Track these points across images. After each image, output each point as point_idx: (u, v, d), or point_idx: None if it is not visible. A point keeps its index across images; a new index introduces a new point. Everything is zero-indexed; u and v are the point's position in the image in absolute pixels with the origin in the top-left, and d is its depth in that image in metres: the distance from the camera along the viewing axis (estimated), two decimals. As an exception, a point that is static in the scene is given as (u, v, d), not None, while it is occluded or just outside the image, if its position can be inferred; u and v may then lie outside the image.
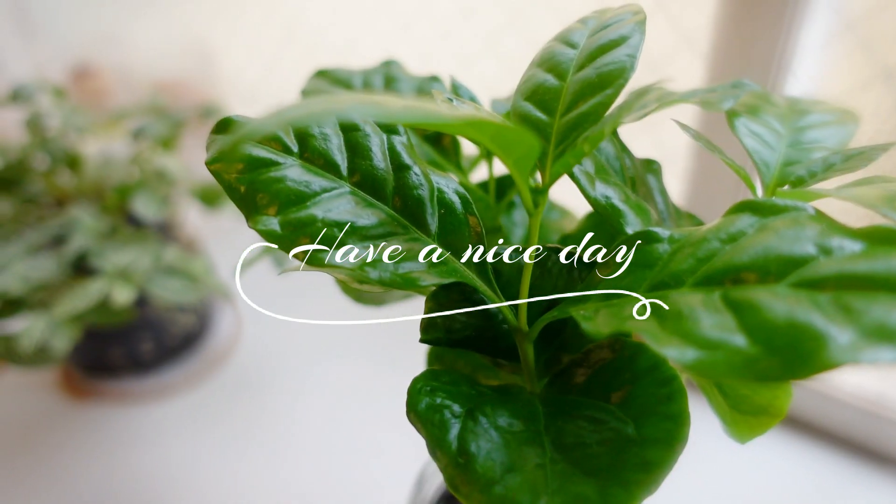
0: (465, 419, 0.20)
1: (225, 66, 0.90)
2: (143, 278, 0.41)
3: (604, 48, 0.20)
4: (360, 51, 0.77)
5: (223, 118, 0.22)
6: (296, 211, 0.19)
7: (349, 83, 0.32)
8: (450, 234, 0.21)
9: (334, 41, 0.79)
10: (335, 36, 0.79)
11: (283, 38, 0.84)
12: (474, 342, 0.22)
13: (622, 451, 0.19)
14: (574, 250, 0.22)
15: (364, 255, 0.19)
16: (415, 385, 0.21)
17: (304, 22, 0.81)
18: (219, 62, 0.90)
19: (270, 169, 0.20)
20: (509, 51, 0.66)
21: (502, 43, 0.66)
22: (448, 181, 0.22)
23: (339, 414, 0.58)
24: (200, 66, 0.90)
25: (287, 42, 0.84)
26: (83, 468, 0.54)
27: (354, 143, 0.21)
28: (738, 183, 0.52)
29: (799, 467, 0.51)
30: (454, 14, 0.69)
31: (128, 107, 0.61)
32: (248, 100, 0.89)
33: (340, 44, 0.79)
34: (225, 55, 0.89)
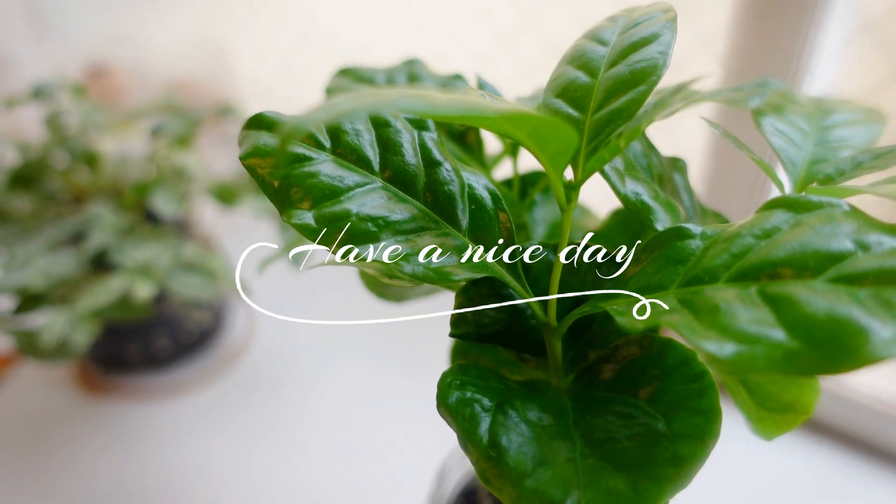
0: (495, 413, 0.20)
1: (239, 65, 0.90)
2: (163, 274, 0.42)
3: (635, 45, 0.20)
4: (374, 51, 0.77)
5: (256, 114, 0.22)
6: (330, 205, 0.20)
7: (373, 81, 0.32)
8: (480, 230, 0.21)
9: (348, 41, 0.80)
10: (349, 36, 0.79)
11: (296, 38, 0.84)
12: (502, 337, 0.22)
13: (653, 446, 0.19)
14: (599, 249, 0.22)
15: (398, 249, 0.19)
16: (444, 379, 0.21)
17: (318, 22, 0.81)
18: (233, 62, 0.91)
19: (304, 164, 0.20)
20: (523, 51, 0.66)
21: (516, 44, 0.67)
22: (478, 177, 0.22)
23: (352, 412, 0.58)
24: (214, 66, 0.91)
25: (301, 42, 0.84)
26: (97, 463, 0.54)
27: (386, 139, 0.21)
28: (753, 183, 0.52)
29: (812, 467, 0.51)
30: (468, 15, 0.69)
31: (144, 105, 0.62)
32: (261, 99, 0.90)
33: (354, 44, 0.79)
34: (239, 55, 0.90)
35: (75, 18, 1.01)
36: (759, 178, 0.51)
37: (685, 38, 0.55)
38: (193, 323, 0.60)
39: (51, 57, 1.01)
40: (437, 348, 0.64)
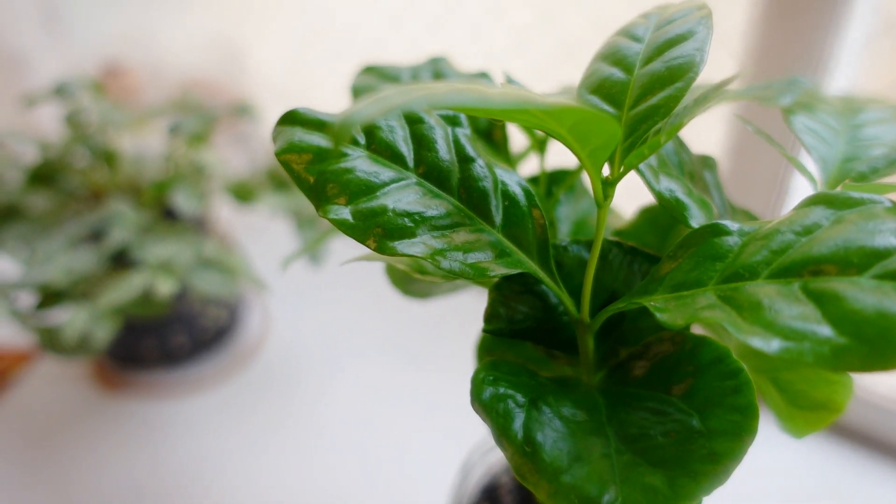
0: (529, 409, 0.20)
1: (252, 64, 0.91)
2: (184, 271, 0.42)
3: (671, 42, 0.20)
4: (388, 50, 0.77)
5: (289, 110, 0.22)
6: (366, 201, 0.20)
7: (398, 79, 0.32)
8: (514, 226, 0.21)
9: (362, 40, 0.80)
10: (363, 35, 0.80)
11: (310, 36, 0.84)
12: (534, 333, 0.22)
13: (688, 443, 0.19)
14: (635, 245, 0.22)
15: (434, 245, 0.19)
16: (477, 375, 0.21)
17: (333, 21, 0.82)
18: (246, 60, 0.91)
19: (339, 159, 0.20)
20: (539, 51, 0.66)
21: (532, 43, 0.67)
22: (511, 174, 0.22)
23: (367, 409, 0.58)
24: (228, 65, 0.91)
25: (315, 40, 0.84)
26: (113, 459, 0.55)
27: (420, 135, 0.21)
28: (772, 182, 0.51)
29: (831, 466, 0.51)
30: (483, 14, 0.69)
31: (161, 104, 0.62)
32: (275, 98, 0.90)
33: (368, 43, 0.79)
34: (252, 53, 0.90)
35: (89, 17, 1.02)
36: (777, 176, 0.51)
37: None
38: (209, 320, 0.60)
39: (64, 56, 1.02)
40: (451, 346, 0.65)
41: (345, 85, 0.82)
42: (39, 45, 1.01)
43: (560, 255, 0.22)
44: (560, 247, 0.22)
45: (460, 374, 0.62)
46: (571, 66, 0.64)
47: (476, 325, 0.68)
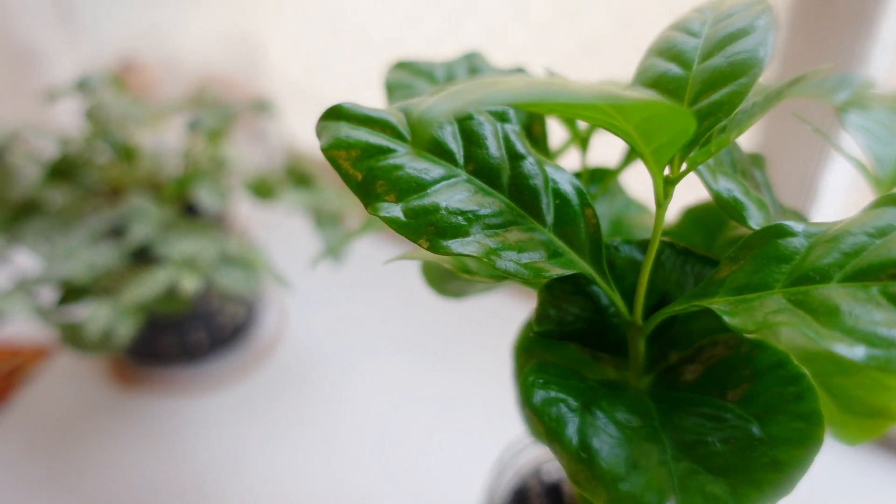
0: (582, 413, 0.19)
1: (268, 61, 0.90)
2: (208, 267, 0.41)
3: (732, 37, 0.19)
4: (406, 47, 0.77)
5: (334, 105, 0.22)
6: (417, 198, 0.19)
7: (432, 75, 0.31)
8: (565, 226, 0.20)
9: (380, 37, 0.79)
10: (380, 32, 0.79)
11: (327, 33, 0.84)
12: (583, 335, 0.22)
13: (749, 450, 0.18)
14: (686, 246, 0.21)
15: (488, 244, 0.19)
16: (527, 378, 0.20)
17: (349, 18, 0.81)
18: (261, 57, 0.91)
19: (387, 156, 0.20)
20: (559, 48, 0.66)
21: (552, 40, 0.66)
22: (561, 172, 0.21)
23: (384, 408, 0.58)
24: (243, 61, 0.91)
25: (331, 37, 0.84)
26: (129, 456, 0.55)
27: (469, 131, 0.21)
28: (800, 183, 0.51)
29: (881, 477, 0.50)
30: (503, 10, 0.68)
31: (178, 99, 0.62)
32: (290, 95, 0.90)
33: (386, 40, 0.79)
34: (269, 50, 0.90)
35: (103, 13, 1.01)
36: (805, 177, 0.50)
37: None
38: (227, 317, 0.60)
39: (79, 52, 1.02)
40: (469, 345, 0.64)
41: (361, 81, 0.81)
42: (54, 40, 1.01)
43: (611, 256, 0.21)
44: (611, 247, 0.21)
45: (478, 373, 0.61)
46: (593, 64, 0.63)
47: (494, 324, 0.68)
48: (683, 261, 0.21)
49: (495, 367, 0.61)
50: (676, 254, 0.21)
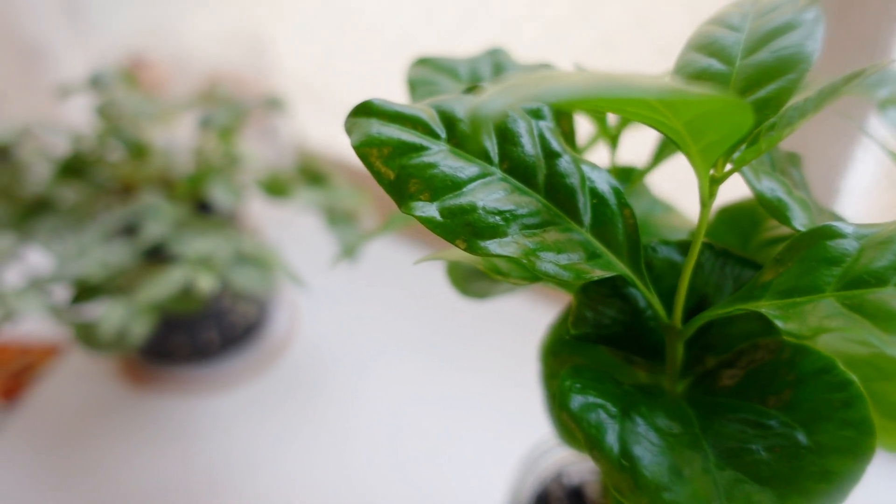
0: (622, 419, 0.19)
1: (277, 57, 0.90)
2: (223, 266, 0.41)
3: (778, 31, 0.19)
4: (417, 43, 0.76)
5: (363, 101, 0.21)
6: (452, 197, 0.19)
7: (455, 71, 0.31)
8: (602, 226, 0.20)
9: (391, 34, 0.79)
10: (392, 29, 0.79)
11: (337, 29, 0.83)
12: (619, 339, 0.21)
13: (796, 459, 0.18)
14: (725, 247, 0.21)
15: (527, 244, 0.18)
16: (563, 383, 0.20)
17: (360, 14, 0.80)
18: (270, 54, 0.90)
19: (420, 153, 0.19)
20: (575, 45, 0.65)
21: (568, 37, 0.65)
22: (597, 170, 0.21)
23: (398, 409, 0.57)
24: (252, 58, 0.90)
25: (341, 34, 0.83)
26: (141, 456, 0.54)
27: (503, 128, 0.20)
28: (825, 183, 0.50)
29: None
30: (517, 6, 0.68)
31: (189, 96, 0.61)
32: (299, 92, 0.89)
33: (397, 37, 0.78)
34: (278, 47, 0.89)
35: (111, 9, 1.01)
36: (829, 177, 0.49)
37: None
38: (239, 316, 0.59)
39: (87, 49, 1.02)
40: (482, 347, 0.63)
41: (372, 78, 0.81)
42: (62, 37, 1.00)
43: (649, 257, 0.21)
44: (649, 248, 0.21)
45: (492, 373, 0.61)
46: (609, 61, 0.63)
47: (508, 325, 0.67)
48: (723, 262, 0.21)
49: (509, 368, 0.61)
50: (716, 255, 0.21)
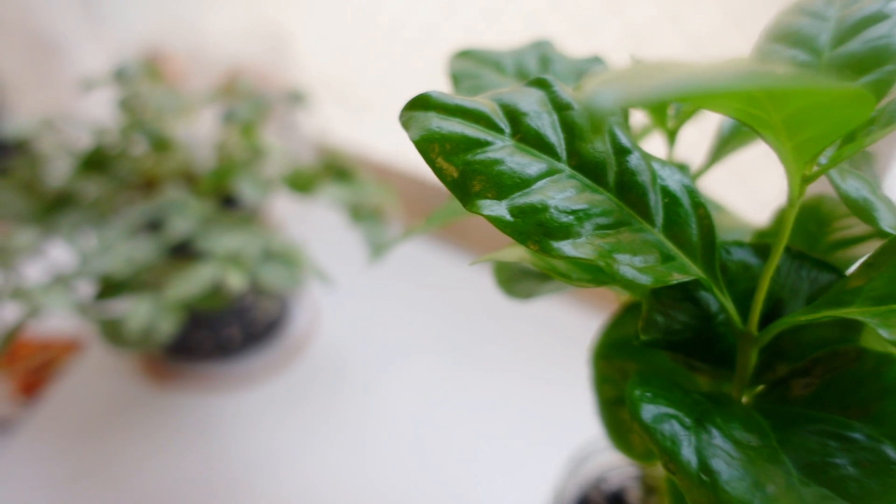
0: (697, 431, 0.18)
1: (296, 51, 0.89)
2: (252, 263, 0.40)
3: (869, 20, 0.18)
4: (439, 37, 0.75)
5: (420, 94, 0.20)
6: (522, 196, 0.18)
7: (499, 64, 0.30)
8: (675, 226, 0.19)
9: (412, 29, 0.78)
10: (413, 23, 0.77)
11: (357, 23, 0.82)
12: (689, 345, 0.20)
13: (887, 475, 0.17)
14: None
15: (602, 245, 0.17)
16: (633, 391, 0.19)
17: (380, 9, 0.79)
18: (289, 48, 0.89)
19: (485, 149, 0.18)
20: (603, 40, 0.64)
21: (595, 31, 0.64)
22: (668, 167, 0.20)
23: (420, 407, 0.57)
24: (272, 52, 0.90)
25: (361, 28, 0.82)
26: (161, 452, 0.54)
27: (570, 122, 0.19)
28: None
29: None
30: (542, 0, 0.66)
31: (212, 90, 0.60)
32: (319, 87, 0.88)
33: (418, 32, 0.77)
34: (297, 41, 0.88)
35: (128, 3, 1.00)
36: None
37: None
38: (261, 312, 0.59)
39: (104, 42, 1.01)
40: (508, 346, 0.63)
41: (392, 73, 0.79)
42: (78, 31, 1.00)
43: (722, 260, 0.20)
44: (722, 250, 0.20)
45: (517, 374, 0.60)
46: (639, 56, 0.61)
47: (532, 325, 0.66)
48: (799, 266, 0.20)
49: (534, 369, 0.60)
50: (791, 258, 0.20)
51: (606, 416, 0.25)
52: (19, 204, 0.53)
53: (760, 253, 0.19)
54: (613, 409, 0.25)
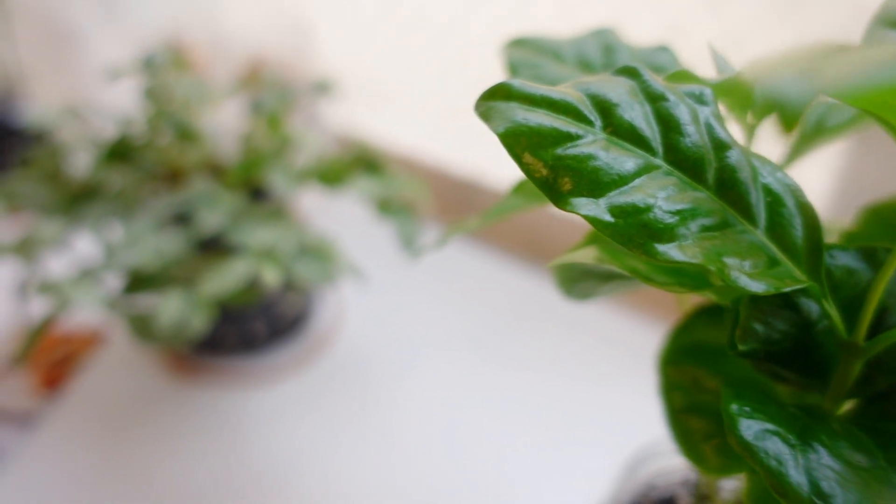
0: (804, 450, 0.17)
1: (318, 42, 0.88)
2: (287, 258, 0.39)
3: None
4: (467, 28, 0.73)
5: (501, 83, 0.19)
6: (619, 194, 0.16)
7: (558, 54, 0.28)
8: (779, 228, 0.17)
9: (438, 20, 0.76)
10: (438, 14, 0.76)
11: (380, 13, 0.81)
12: (788, 356, 0.19)
13: None
14: None
15: (709, 248, 0.16)
16: (728, 405, 0.17)
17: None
18: (310, 38, 0.88)
19: (575, 143, 0.17)
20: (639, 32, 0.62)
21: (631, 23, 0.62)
22: (768, 164, 0.18)
23: (447, 406, 0.55)
24: (294, 42, 0.88)
25: (384, 18, 0.81)
26: (185, 447, 0.53)
27: (665, 114, 0.18)
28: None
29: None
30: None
31: (237, 80, 0.59)
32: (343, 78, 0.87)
33: (445, 22, 0.76)
34: (319, 31, 0.87)
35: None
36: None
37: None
38: (287, 307, 0.58)
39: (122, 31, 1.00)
40: (536, 344, 0.61)
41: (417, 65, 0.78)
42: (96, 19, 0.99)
43: (826, 265, 0.18)
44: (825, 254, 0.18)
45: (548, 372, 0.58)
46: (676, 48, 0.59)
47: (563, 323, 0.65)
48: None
49: (565, 369, 0.58)
50: None
51: (676, 425, 0.24)
52: (43, 194, 0.52)
53: (867, 258, 0.18)
54: (684, 417, 0.24)
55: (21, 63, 0.94)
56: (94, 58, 0.96)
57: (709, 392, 0.24)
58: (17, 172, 0.53)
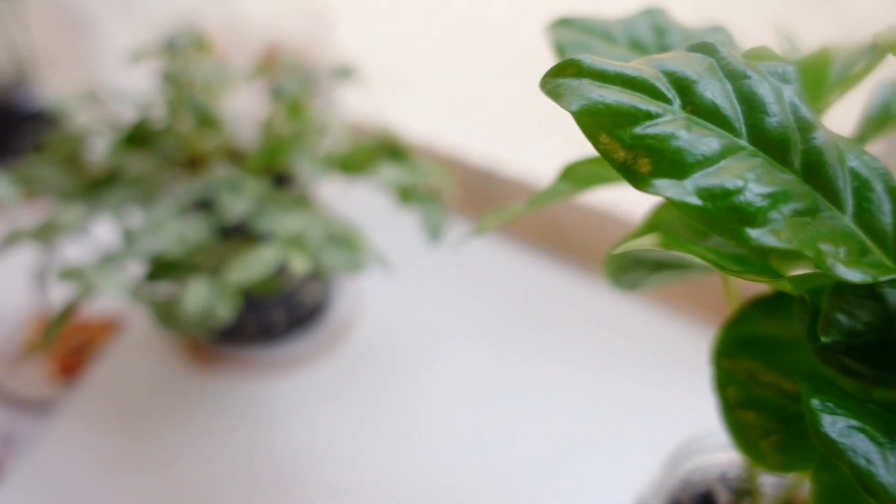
0: (893, 448, 0.16)
1: (335, 28, 0.86)
2: (316, 246, 0.38)
3: None
4: (487, 14, 0.72)
5: (570, 59, 0.18)
6: (705, 176, 0.15)
7: (609, 34, 0.27)
8: (867, 214, 0.17)
9: (459, 3, 0.75)
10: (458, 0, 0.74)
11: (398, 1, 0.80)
12: (869, 349, 0.18)
13: None
14: None
15: (802, 235, 0.15)
16: (810, 400, 0.17)
17: (423, -18, 0.76)
18: (327, 23, 0.87)
19: (655, 122, 0.16)
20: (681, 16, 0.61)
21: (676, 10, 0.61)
22: (854, 147, 0.17)
23: (469, 396, 0.55)
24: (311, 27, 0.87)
25: (402, 2, 0.79)
26: (204, 436, 0.52)
27: (747, 93, 0.17)
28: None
29: None
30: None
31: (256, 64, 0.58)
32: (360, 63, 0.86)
33: (465, 8, 0.74)
34: (336, 16, 0.85)
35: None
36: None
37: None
38: (307, 295, 0.57)
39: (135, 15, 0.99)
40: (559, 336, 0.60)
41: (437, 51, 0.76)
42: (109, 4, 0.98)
43: (913, 253, 0.17)
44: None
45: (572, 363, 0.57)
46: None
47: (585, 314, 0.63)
48: None
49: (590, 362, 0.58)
50: None
51: (731, 420, 0.23)
52: (61, 180, 0.51)
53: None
54: (740, 413, 0.23)
55: (34, 48, 0.93)
56: (106, 43, 0.95)
57: (766, 386, 0.23)
58: (33, 157, 0.52)
